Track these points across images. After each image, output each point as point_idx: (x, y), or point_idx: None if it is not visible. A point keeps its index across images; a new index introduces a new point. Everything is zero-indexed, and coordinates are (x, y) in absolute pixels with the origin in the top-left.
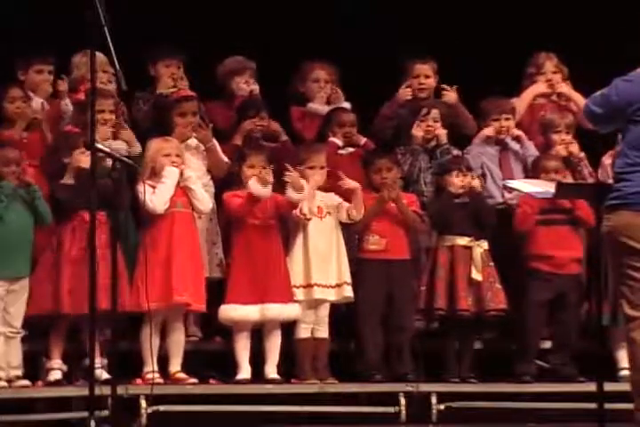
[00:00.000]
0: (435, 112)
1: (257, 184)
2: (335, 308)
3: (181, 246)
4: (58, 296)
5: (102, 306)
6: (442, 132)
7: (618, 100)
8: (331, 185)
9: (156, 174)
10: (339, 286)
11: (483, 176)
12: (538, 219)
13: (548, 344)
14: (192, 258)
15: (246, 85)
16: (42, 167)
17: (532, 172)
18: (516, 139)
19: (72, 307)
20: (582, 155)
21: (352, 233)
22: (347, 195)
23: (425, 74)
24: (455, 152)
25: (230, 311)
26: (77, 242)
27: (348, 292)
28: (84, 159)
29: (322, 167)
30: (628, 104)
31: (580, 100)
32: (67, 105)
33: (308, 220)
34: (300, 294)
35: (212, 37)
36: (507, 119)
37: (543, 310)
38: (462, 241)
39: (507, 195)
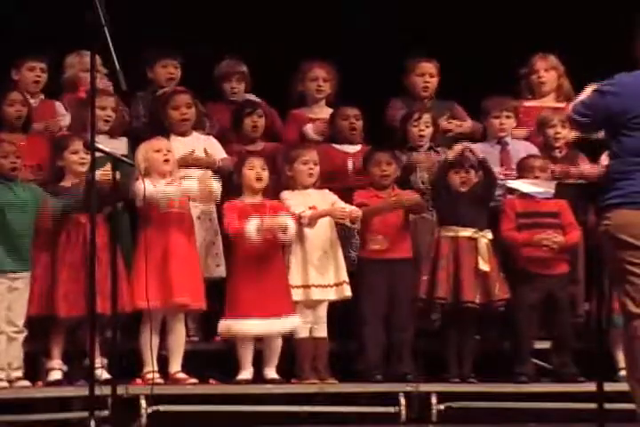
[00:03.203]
0: (427, 117)
1: (254, 230)
2: (335, 308)
3: (179, 247)
4: (54, 300)
5: (100, 310)
6: (467, 124)
7: (605, 112)
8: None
9: (150, 173)
10: (338, 285)
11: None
12: (522, 223)
13: (547, 345)
14: (190, 258)
15: (231, 91)
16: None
17: (518, 171)
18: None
19: (68, 311)
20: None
21: (352, 232)
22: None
23: (429, 72)
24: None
25: (231, 326)
26: (72, 245)
27: (348, 291)
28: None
29: (315, 163)
30: (620, 113)
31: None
32: (35, 104)
33: (309, 226)
34: (297, 294)
35: (211, 38)
36: (507, 117)
37: (533, 311)
38: (466, 232)
39: (508, 195)
